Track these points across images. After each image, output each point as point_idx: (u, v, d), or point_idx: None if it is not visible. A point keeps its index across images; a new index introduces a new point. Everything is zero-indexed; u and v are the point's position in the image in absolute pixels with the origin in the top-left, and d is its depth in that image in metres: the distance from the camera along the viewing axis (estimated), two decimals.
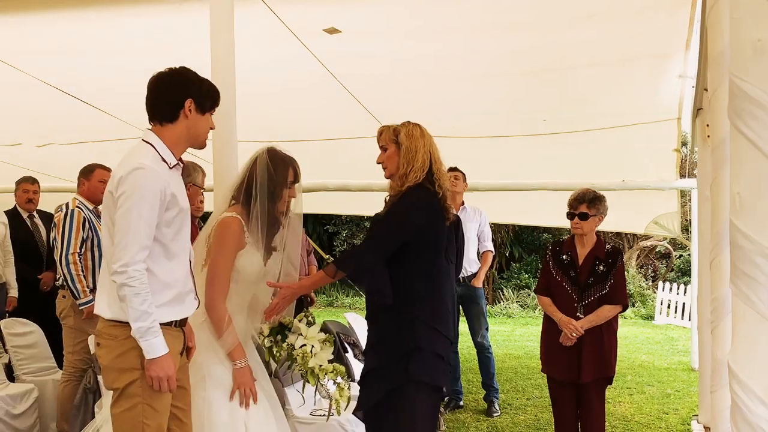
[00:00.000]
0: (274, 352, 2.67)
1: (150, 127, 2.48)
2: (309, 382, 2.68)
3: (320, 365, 2.63)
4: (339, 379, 2.70)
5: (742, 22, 1.55)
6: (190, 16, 3.62)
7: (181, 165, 2.51)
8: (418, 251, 2.78)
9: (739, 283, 1.52)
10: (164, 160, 2.41)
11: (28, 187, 5.65)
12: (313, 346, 2.64)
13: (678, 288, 11.98)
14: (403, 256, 2.75)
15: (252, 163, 2.74)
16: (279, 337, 2.68)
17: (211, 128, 2.55)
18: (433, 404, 2.81)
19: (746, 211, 1.50)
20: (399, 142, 2.85)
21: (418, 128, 2.89)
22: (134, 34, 4.07)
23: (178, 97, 2.43)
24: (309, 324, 2.72)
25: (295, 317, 2.78)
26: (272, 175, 2.70)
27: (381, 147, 2.93)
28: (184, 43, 4.03)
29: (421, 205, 2.79)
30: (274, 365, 2.82)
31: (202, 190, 4.20)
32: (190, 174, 4.26)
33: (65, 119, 5.63)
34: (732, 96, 1.52)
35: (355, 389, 2.86)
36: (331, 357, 2.69)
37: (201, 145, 2.55)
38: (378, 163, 2.94)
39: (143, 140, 2.46)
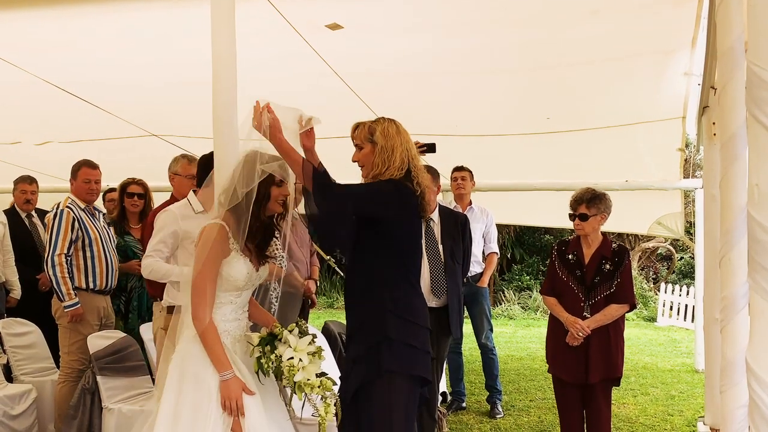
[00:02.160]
0: (263, 362, 2.56)
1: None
2: (297, 396, 2.58)
3: (307, 379, 2.51)
4: (327, 394, 2.57)
5: (760, 10, 1.51)
6: (190, 12, 3.58)
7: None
8: (393, 243, 2.72)
9: (757, 277, 1.48)
10: (193, 208, 3.68)
11: (25, 187, 5.60)
12: (301, 359, 2.52)
13: (680, 290, 11.93)
14: (378, 247, 2.70)
15: (237, 166, 2.65)
16: (268, 347, 2.56)
17: None
18: (410, 394, 2.71)
19: (765, 203, 1.46)
20: (374, 141, 2.76)
21: (393, 125, 2.80)
22: (134, 31, 4.02)
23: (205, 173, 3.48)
24: (301, 334, 2.60)
25: (287, 327, 2.68)
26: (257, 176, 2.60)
27: (356, 145, 2.84)
28: (184, 40, 4.00)
29: (403, 192, 2.72)
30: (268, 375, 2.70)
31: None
32: (170, 167, 4.22)
33: (64, 117, 5.59)
34: (750, 84, 1.48)
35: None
36: (320, 371, 2.57)
37: None
38: (354, 161, 2.85)
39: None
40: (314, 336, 2.66)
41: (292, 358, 2.53)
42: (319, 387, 2.53)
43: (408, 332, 2.70)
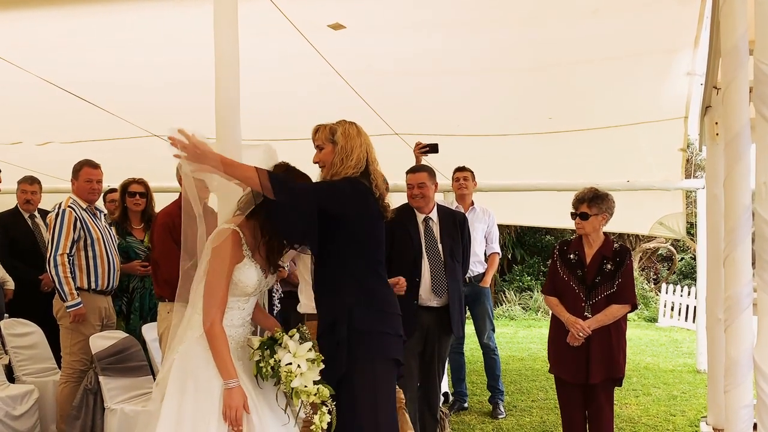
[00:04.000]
0: (261, 366, 2.56)
1: None
2: (293, 401, 2.58)
3: (304, 386, 2.51)
4: (323, 403, 2.56)
5: None
6: (193, 12, 3.57)
7: None
8: (356, 239, 2.77)
9: (764, 275, 1.47)
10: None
11: (26, 187, 5.59)
12: (299, 366, 2.52)
13: (681, 290, 11.92)
14: (342, 244, 2.74)
15: None
16: (267, 351, 2.57)
17: None
18: (390, 377, 2.82)
19: None
20: (335, 141, 2.84)
21: (354, 127, 2.88)
22: (136, 31, 4.02)
23: None
24: (303, 339, 2.61)
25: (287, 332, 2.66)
26: None
27: (317, 146, 2.91)
28: (187, 40, 3.99)
29: (359, 193, 2.76)
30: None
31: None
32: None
33: (65, 117, 5.59)
34: (757, 82, 1.48)
35: None
36: (318, 378, 2.57)
37: None
38: (315, 162, 2.91)
39: None
40: (315, 342, 2.66)
41: (290, 363, 2.52)
42: (315, 395, 2.53)
43: (380, 321, 2.79)
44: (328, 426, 2.58)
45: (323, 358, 2.62)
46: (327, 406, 2.57)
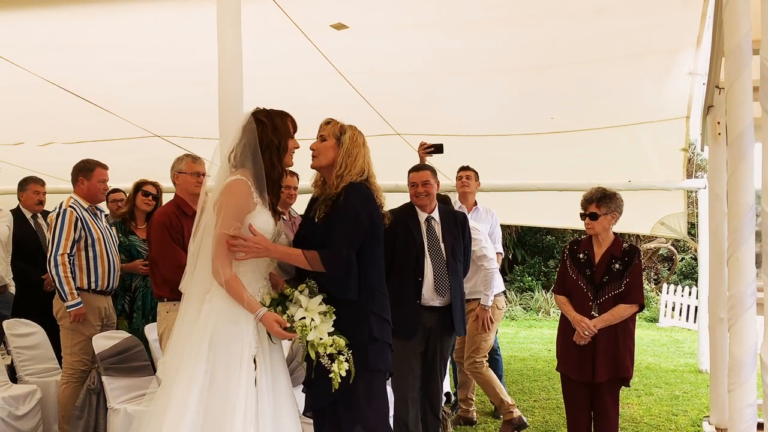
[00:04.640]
0: None
1: None
2: (310, 355, 2.65)
3: (320, 338, 2.61)
4: (339, 352, 2.65)
5: None
6: (196, 12, 3.58)
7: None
8: (371, 247, 2.88)
9: None
10: None
11: (38, 188, 5.58)
12: (312, 319, 2.61)
13: (682, 290, 11.92)
14: (360, 253, 2.82)
15: (248, 124, 2.71)
16: (279, 308, 2.64)
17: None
18: (384, 386, 2.95)
19: None
20: (341, 141, 2.92)
21: (362, 137, 2.98)
22: (140, 32, 4.02)
23: None
24: (312, 294, 2.68)
25: (297, 287, 2.72)
26: (276, 129, 2.71)
27: (320, 136, 2.99)
28: (191, 40, 4.00)
29: (370, 201, 2.89)
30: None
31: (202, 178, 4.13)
32: (174, 166, 4.23)
33: (67, 118, 5.59)
34: (763, 80, 1.48)
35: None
36: (332, 330, 2.66)
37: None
38: (311, 149, 2.98)
39: None
40: (324, 295, 2.71)
41: (304, 318, 2.60)
42: (331, 346, 2.62)
43: (386, 331, 2.91)
44: (347, 373, 2.65)
45: (334, 309, 2.70)
46: (343, 354, 2.65)
